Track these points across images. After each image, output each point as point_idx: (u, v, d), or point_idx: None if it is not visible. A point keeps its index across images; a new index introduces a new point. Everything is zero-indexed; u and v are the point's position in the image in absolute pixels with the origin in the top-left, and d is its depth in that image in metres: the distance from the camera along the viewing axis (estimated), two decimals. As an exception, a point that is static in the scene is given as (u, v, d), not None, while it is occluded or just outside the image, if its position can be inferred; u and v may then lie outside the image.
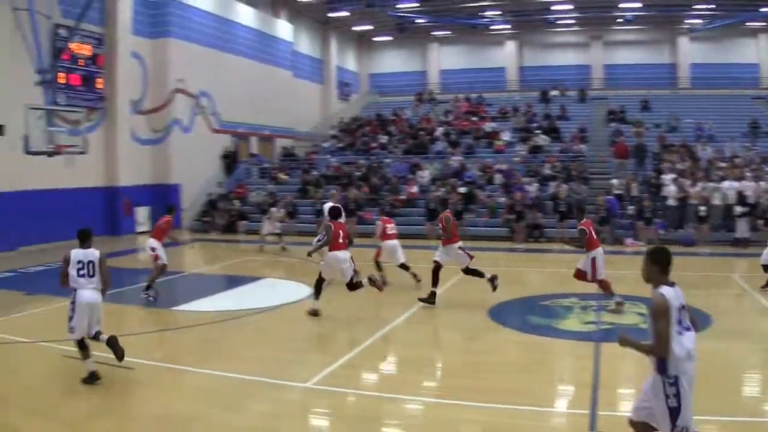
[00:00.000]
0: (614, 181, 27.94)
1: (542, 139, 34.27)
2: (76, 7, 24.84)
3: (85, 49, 27.73)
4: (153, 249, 15.75)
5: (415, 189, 30.24)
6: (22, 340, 11.85)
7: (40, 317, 13.84)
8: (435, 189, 29.14)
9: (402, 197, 29.92)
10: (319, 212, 26.08)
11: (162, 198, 30.84)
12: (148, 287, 15.36)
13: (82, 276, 9.42)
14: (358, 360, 10.57)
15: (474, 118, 39.63)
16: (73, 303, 9.41)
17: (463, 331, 12.44)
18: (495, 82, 50.77)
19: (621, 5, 43.55)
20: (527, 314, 13.50)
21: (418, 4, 44.66)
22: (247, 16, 38.62)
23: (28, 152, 19.75)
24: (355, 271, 13.51)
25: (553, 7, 44.77)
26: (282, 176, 35.49)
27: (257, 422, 8.12)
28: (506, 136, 35.79)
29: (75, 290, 9.43)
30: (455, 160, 32.46)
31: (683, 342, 5.68)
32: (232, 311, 14.11)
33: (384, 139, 38.60)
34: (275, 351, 11.42)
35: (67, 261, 9.49)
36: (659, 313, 5.65)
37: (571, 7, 44.27)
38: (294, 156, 39.47)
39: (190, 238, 29.35)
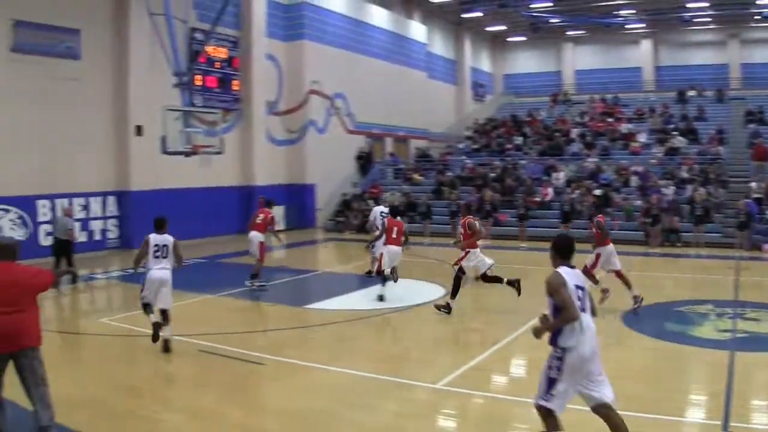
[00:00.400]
0: (753, 185, 25.48)
1: (679, 141, 32.14)
2: (211, 11, 24.67)
3: (220, 52, 27.74)
4: (261, 242, 16.22)
5: (549, 191, 28.63)
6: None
7: (175, 312, 12.99)
8: (570, 191, 27.48)
9: (536, 199, 28.35)
10: (454, 213, 25.37)
11: (297, 198, 30.59)
12: (253, 276, 16.00)
13: (157, 257, 10.72)
14: (488, 362, 10.11)
15: (609, 119, 37.83)
16: (144, 279, 10.74)
17: (596, 335, 11.11)
18: (630, 82, 48.25)
19: (758, 2, 39.99)
20: (662, 320, 12.72)
21: (551, 4, 42.78)
22: (380, 17, 37.69)
23: (166, 152, 19.56)
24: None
25: (689, 5, 41.56)
26: (417, 177, 34.41)
27: (386, 421, 7.85)
28: (642, 138, 33.83)
29: (149, 269, 10.69)
30: (590, 162, 30.71)
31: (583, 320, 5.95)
32: (364, 310, 13.85)
33: (519, 140, 37.48)
34: (406, 351, 11.14)
35: (146, 244, 10.81)
36: (557, 284, 6.01)
37: (707, 4, 41.13)
38: (429, 157, 38.25)
39: (323, 238, 29.13)
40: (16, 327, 6.61)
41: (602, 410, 6.09)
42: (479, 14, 45.32)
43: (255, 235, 16.36)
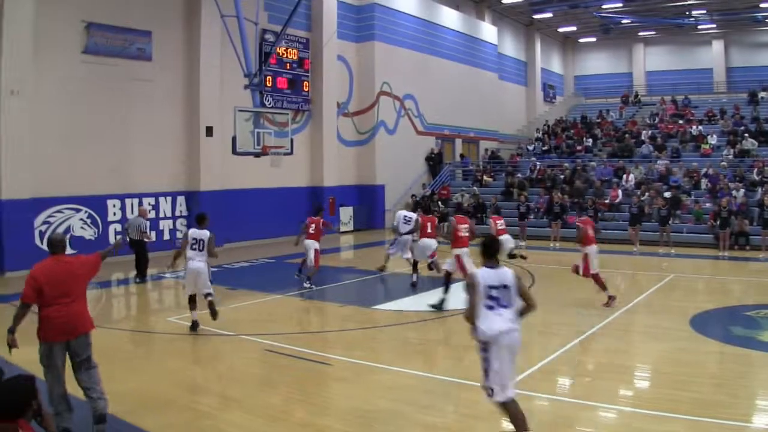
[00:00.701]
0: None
1: (750, 143, 30.56)
2: (282, 12, 24.12)
3: (291, 53, 27.40)
4: (316, 250, 16.25)
5: (619, 193, 27.34)
6: (224, 332, 11.87)
7: (241, 311, 14.02)
8: (639, 193, 26.12)
9: (606, 201, 27.12)
10: (523, 215, 24.52)
11: (366, 198, 29.99)
12: (308, 278, 16.17)
13: (194, 249, 11.53)
14: (555, 365, 9.82)
15: (680, 121, 36.47)
16: (185, 270, 11.72)
17: (663, 339, 11.25)
18: (702, 84, 46.46)
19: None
20: (730, 324, 12.37)
21: (622, 5, 41.24)
22: (451, 19, 36.67)
23: (236, 153, 19.20)
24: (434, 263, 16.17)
25: (762, 5, 39.44)
26: (486, 178, 33.43)
27: (451, 422, 7.69)
28: (713, 140, 32.24)
29: (188, 260, 11.55)
30: (661, 164, 29.38)
31: (490, 315, 6.45)
32: (430, 312, 13.55)
33: (589, 141, 36.45)
34: (471, 352, 10.00)
35: (186, 237, 11.91)
36: (468, 286, 6.63)
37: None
38: (498, 158, 37.17)
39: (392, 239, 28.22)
40: (75, 316, 7.05)
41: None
42: (550, 15, 44.08)
43: (311, 243, 16.37)
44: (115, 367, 9.66)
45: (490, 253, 6.75)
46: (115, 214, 21.05)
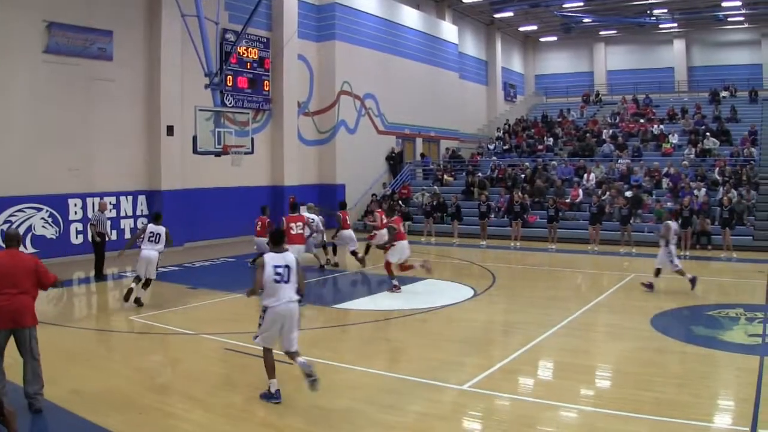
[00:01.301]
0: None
1: (712, 142, 31.56)
2: (243, 12, 24.49)
3: (252, 53, 27.67)
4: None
5: (580, 192, 28.03)
6: (185, 331, 12.07)
7: (202, 310, 14.25)
8: (601, 192, 26.78)
9: (567, 200, 27.81)
10: (484, 214, 25.19)
11: (327, 198, 30.36)
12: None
13: (151, 242, 14.29)
14: (516, 364, 9.93)
15: (641, 120, 37.34)
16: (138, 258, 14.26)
17: (624, 339, 11.46)
18: (663, 83, 47.58)
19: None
20: (692, 324, 12.52)
21: (583, 4, 42.09)
22: (411, 18, 37.20)
23: (197, 152, 19.46)
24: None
25: (723, 4, 40.41)
26: (447, 177, 34.02)
27: (412, 422, 7.74)
28: (674, 139, 33.21)
29: (142, 250, 14.29)
30: (622, 163, 30.15)
31: (275, 287, 8.24)
32: (394, 311, 13.84)
33: (550, 141, 37.12)
34: (435, 352, 10.83)
35: (144, 230, 14.76)
36: (257, 266, 8.49)
37: (740, 3, 40.03)
38: (459, 157, 37.77)
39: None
40: (20, 308, 7.66)
41: (289, 355, 8.41)
42: (510, 14, 44.72)
43: (261, 241, 18.50)
44: (77, 366, 10.01)
45: (276, 241, 8.75)
46: (76, 213, 21.18)
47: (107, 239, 18.26)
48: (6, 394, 7.56)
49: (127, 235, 22.49)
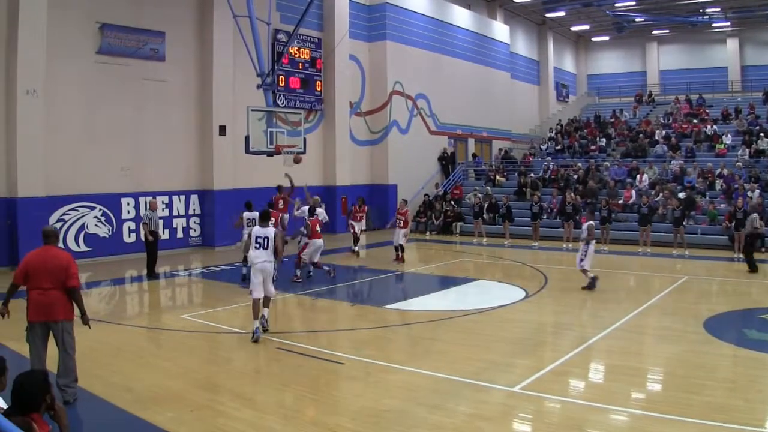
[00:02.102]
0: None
1: (766, 143, 30.11)
2: (294, 12, 24.27)
3: (304, 53, 27.46)
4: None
5: (632, 194, 27.02)
6: (237, 330, 11.96)
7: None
8: (654, 194, 25.82)
9: (619, 201, 26.89)
10: (536, 215, 24.46)
11: (379, 198, 30.00)
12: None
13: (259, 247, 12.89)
14: (567, 366, 9.63)
15: (694, 121, 36.02)
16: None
17: (676, 342, 11.07)
18: (716, 83, 46.17)
19: None
20: (744, 327, 12.07)
21: (635, 3, 41.12)
22: (462, 18, 36.59)
23: (249, 152, 19.27)
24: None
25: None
26: (499, 178, 33.28)
27: (460, 423, 7.46)
28: (728, 140, 31.87)
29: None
30: (675, 164, 28.98)
31: (254, 251, 11.35)
32: (444, 311, 13.56)
33: (602, 141, 36.16)
34: (485, 353, 10.58)
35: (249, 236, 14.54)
36: (248, 236, 12.19)
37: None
38: (512, 158, 37.05)
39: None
40: (54, 302, 7.81)
41: (265, 300, 11.39)
42: (562, 14, 43.94)
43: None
44: (128, 364, 9.99)
45: (263, 218, 11.75)
46: (128, 212, 21.22)
47: (159, 238, 18.06)
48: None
49: (180, 235, 22.65)
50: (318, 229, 16.90)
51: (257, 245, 11.21)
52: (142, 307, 15.39)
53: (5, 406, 4.96)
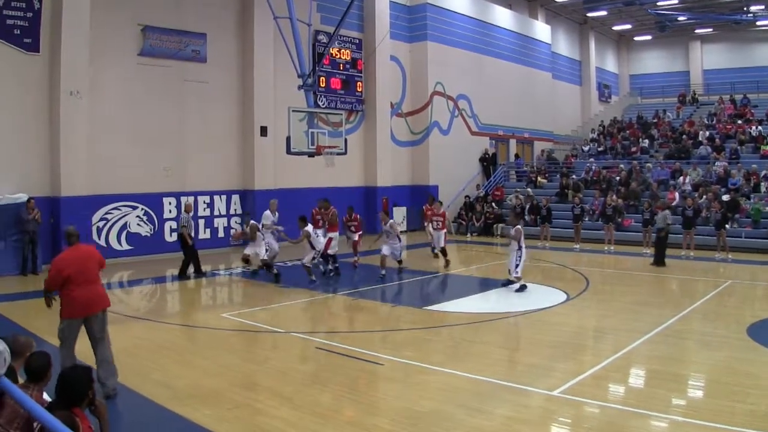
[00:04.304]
0: None
1: (812, 144, 28.86)
2: (335, 13, 23.90)
3: (344, 54, 27.17)
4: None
5: (675, 195, 26.02)
6: (275, 329, 11.97)
7: (293, 309, 14.06)
8: (697, 195, 24.74)
9: (662, 204, 26.01)
10: (578, 217, 24.11)
11: (420, 199, 29.56)
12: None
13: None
14: (607, 371, 9.34)
15: (739, 121, 34.77)
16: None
17: (718, 348, 10.67)
18: (761, 82, 44.08)
19: None
20: None
21: (677, 1, 39.86)
22: (503, 18, 35.88)
23: (290, 153, 19.10)
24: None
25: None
26: (541, 179, 32.62)
27: (499, 426, 7.33)
28: (773, 141, 30.56)
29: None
30: (719, 166, 27.87)
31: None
32: (484, 313, 13.35)
33: (645, 142, 35.12)
34: (525, 356, 10.54)
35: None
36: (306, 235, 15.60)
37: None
38: (553, 159, 36.30)
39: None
40: (96, 295, 8.07)
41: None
42: (604, 13, 42.74)
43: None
44: (168, 361, 9.95)
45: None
46: (170, 211, 21.14)
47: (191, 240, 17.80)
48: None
49: (221, 234, 22.56)
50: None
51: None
52: (183, 306, 15.28)
53: (49, 400, 4.99)
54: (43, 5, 18.27)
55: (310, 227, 16.53)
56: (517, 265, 15.21)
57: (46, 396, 5.12)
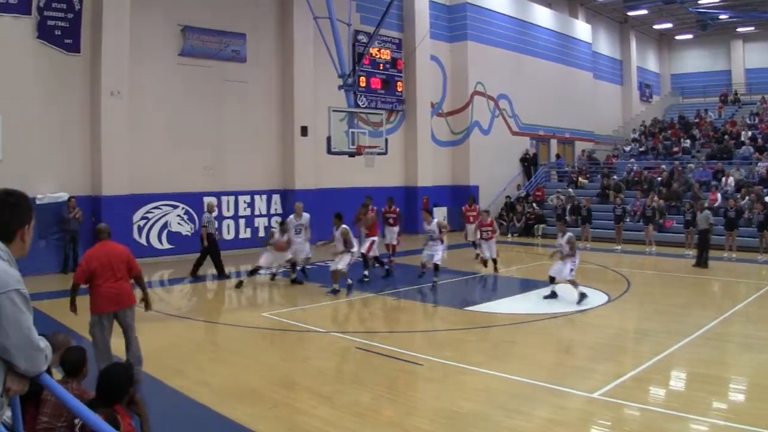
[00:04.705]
0: None
1: None
2: (374, 13, 23.34)
3: (384, 54, 26.69)
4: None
5: (717, 196, 24.97)
6: (316, 329, 11.82)
7: (333, 309, 13.91)
8: (740, 197, 23.84)
9: (704, 205, 25.03)
10: (619, 218, 23.66)
11: (460, 199, 28.94)
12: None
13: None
14: (648, 373, 9.09)
15: (783, 121, 33.35)
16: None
17: (761, 350, 10.35)
18: (805, 81, 43.10)
19: None
20: None
21: (718, 0, 38.76)
22: (544, 17, 35.00)
23: (330, 152, 18.74)
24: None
25: None
26: (582, 180, 31.74)
27: (538, 428, 7.21)
28: (819, 141, 29.30)
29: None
30: (762, 166, 26.85)
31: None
32: (524, 314, 12.98)
33: (686, 143, 34.02)
34: (565, 357, 10.37)
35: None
36: (343, 233, 14.37)
37: None
38: (594, 159, 35.32)
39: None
40: (123, 291, 8.20)
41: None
42: (645, 12, 41.50)
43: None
44: (207, 359, 9.88)
45: (340, 220, 13.83)
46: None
47: (217, 239, 17.45)
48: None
49: (261, 234, 22.09)
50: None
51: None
52: (223, 304, 15.09)
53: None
54: (83, 6, 18.13)
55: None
56: (572, 270, 14.14)
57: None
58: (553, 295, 14.12)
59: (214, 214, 17.53)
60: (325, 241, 16.71)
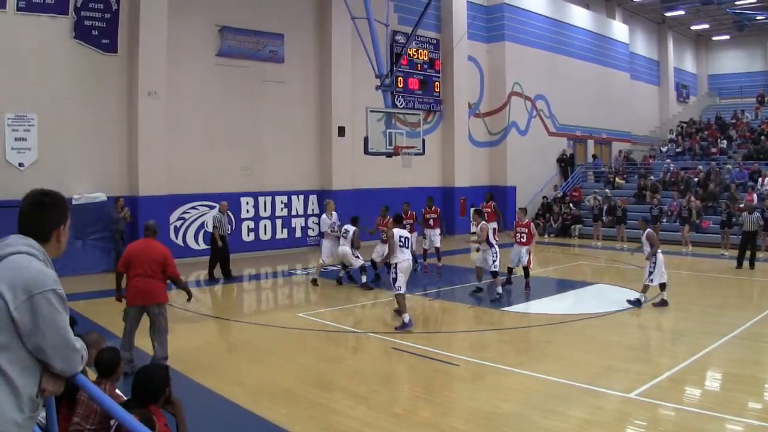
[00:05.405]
0: None
1: None
2: (412, 14, 22.57)
3: (422, 54, 25.80)
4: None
5: (754, 197, 23.60)
6: (352, 329, 11.74)
7: (370, 309, 13.77)
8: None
9: (741, 206, 23.70)
10: (656, 218, 23.14)
11: (498, 200, 27.94)
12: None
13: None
14: (684, 374, 8.88)
15: (819, 122, 31.77)
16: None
17: None
18: (844, 81, 41.39)
19: None
20: None
21: (755, 1, 36.94)
22: (581, 18, 33.76)
23: (368, 153, 18.02)
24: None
25: None
26: (619, 180, 30.59)
27: (574, 428, 7.01)
28: None
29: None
30: (799, 168, 25.49)
31: (403, 251, 11.42)
32: (560, 315, 12.59)
33: (723, 143, 32.74)
34: (600, 358, 9.89)
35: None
36: (389, 236, 11.61)
37: None
38: (631, 160, 34.11)
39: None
40: (151, 288, 8.42)
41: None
42: (682, 12, 40.14)
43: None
44: (242, 359, 9.79)
45: (397, 220, 12.60)
46: (248, 211, 20.33)
47: (226, 242, 16.75)
48: (132, 362, 8.27)
49: (298, 234, 21.61)
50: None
51: (401, 243, 11.42)
52: (259, 305, 14.90)
53: (125, 398, 4.95)
54: (120, 6, 17.61)
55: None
56: (651, 273, 13.16)
57: (118, 392, 5.13)
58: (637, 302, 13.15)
59: (226, 214, 16.91)
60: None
